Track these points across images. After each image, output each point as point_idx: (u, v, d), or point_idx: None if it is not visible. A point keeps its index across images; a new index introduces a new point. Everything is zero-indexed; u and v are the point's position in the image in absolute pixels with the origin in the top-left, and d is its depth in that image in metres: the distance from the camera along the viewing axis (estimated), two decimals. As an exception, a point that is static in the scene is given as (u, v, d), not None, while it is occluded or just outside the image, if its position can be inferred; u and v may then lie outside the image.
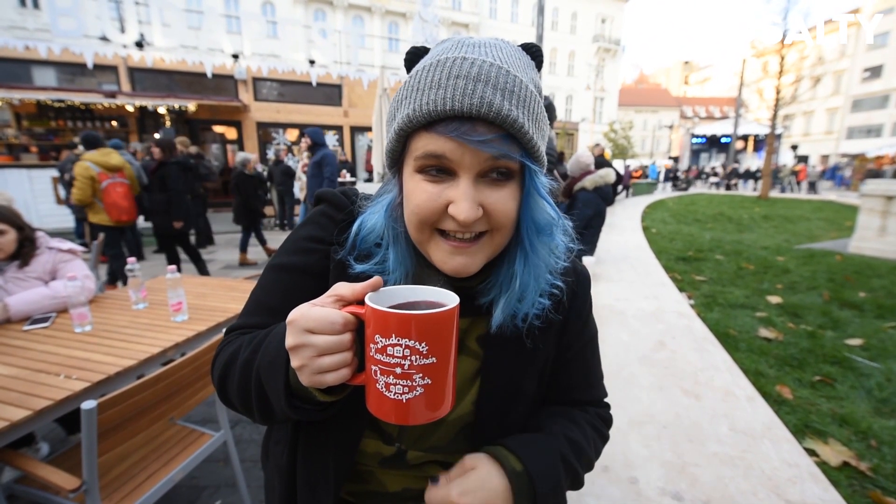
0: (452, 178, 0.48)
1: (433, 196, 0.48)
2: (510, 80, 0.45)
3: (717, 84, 66.22)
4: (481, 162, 0.46)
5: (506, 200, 0.49)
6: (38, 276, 1.89)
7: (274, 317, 0.59)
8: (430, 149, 0.46)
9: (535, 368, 0.61)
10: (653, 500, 1.59)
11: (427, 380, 0.41)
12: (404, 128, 0.48)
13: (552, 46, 33.52)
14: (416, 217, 0.50)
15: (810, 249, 6.37)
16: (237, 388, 0.55)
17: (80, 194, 4.03)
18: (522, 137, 0.46)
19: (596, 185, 4.24)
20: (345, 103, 13.24)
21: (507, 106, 0.44)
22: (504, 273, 0.55)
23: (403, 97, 0.48)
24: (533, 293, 0.55)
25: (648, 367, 2.61)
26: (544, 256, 0.55)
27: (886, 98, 32.64)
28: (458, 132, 0.44)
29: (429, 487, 0.53)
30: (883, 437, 2.02)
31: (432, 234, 0.51)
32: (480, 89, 0.44)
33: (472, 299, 0.57)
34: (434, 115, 0.45)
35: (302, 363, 0.42)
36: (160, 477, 1.35)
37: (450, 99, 0.44)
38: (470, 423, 0.60)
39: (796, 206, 13.62)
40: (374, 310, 0.41)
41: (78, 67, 10.04)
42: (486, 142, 0.45)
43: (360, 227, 0.57)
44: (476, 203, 0.47)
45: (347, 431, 0.59)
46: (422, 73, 0.47)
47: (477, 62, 0.45)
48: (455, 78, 0.44)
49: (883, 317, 3.57)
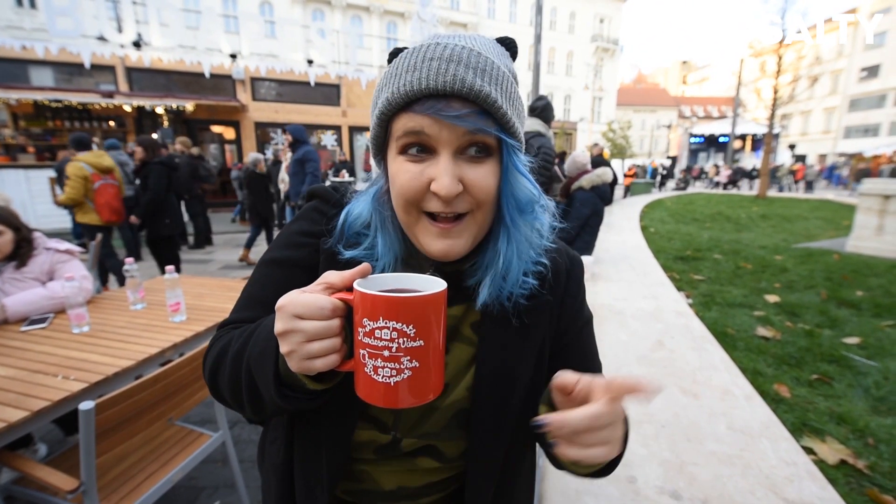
0: (433, 155, 0.49)
1: (415, 175, 0.50)
2: (482, 60, 0.48)
3: (715, 84, 66.36)
4: (458, 137, 0.48)
5: (486, 176, 0.50)
6: (36, 277, 1.88)
7: (266, 311, 0.59)
8: (409, 126, 0.48)
9: (531, 353, 0.61)
10: (651, 498, 1.59)
11: (415, 363, 0.42)
12: (385, 111, 0.50)
13: (550, 46, 33.56)
14: (402, 198, 0.51)
15: (808, 248, 6.39)
16: (228, 381, 0.56)
17: (74, 193, 4.03)
18: (496, 112, 0.48)
19: (593, 184, 4.25)
20: (343, 103, 13.23)
21: (479, 82, 0.46)
22: (489, 254, 0.56)
23: (383, 84, 0.51)
24: (516, 271, 0.56)
25: (647, 367, 2.62)
26: (527, 233, 0.56)
27: (884, 97, 32.75)
28: (433, 109, 0.46)
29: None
30: (880, 435, 2.02)
31: (419, 217, 0.52)
32: (453, 68, 0.46)
33: (460, 281, 0.58)
34: (411, 96, 0.47)
35: (291, 349, 0.42)
36: (159, 477, 1.35)
37: (424, 78, 0.46)
38: (464, 409, 0.61)
39: (794, 205, 13.65)
40: (363, 293, 0.41)
41: (75, 67, 10.02)
42: (462, 116, 0.46)
43: (347, 215, 0.59)
44: (456, 177, 0.48)
45: (341, 425, 0.59)
46: (399, 61, 0.50)
47: (450, 45, 0.48)
48: (429, 60, 0.47)
49: (880, 315, 3.59)
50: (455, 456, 0.63)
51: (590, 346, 0.69)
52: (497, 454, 0.61)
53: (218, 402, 0.63)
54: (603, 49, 36.52)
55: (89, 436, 1.07)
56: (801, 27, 16.25)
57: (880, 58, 32.67)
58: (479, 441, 0.60)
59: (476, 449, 0.60)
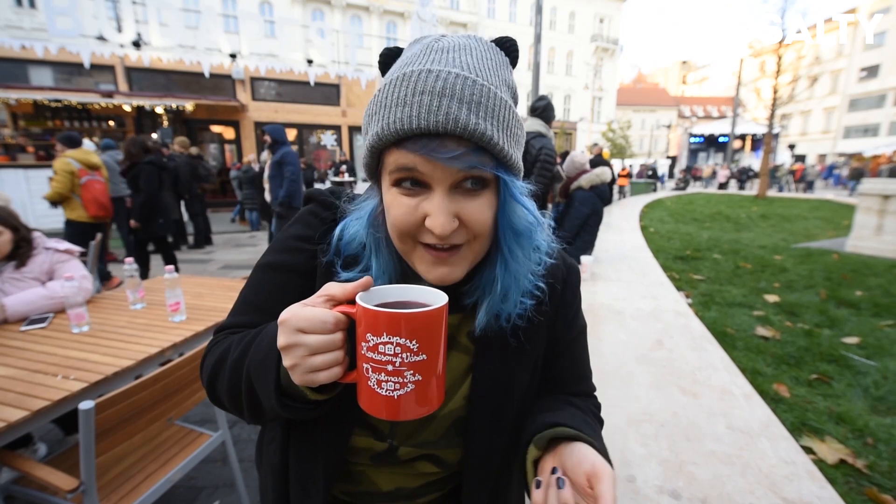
0: (427, 189, 0.48)
1: (410, 210, 0.48)
2: (476, 90, 0.45)
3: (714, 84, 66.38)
4: (453, 174, 0.46)
5: (482, 209, 0.49)
6: (35, 277, 1.88)
7: (262, 316, 0.59)
8: (401, 162, 0.47)
9: (527, 365, 0.62)
10: (650, 498, 1.60)
11: (417, 376, 0.42)
12: (375, 145, 0.48)
13: (550, 46, 33.55)
14: (396, 230, 0.51)
15: (807, 248, 6.39)
16: (227, 388, 0.56)
17: (61, 187, 4.03)
18: (493, 149, 0.46)
19: (592, 183, 4.25)
20: (343, 103, 13.23)
21: (475, 120, 0.44)
22: (486, 276, 0.56)
23: (373, 112, 0.48)
24: (515, 294, 0.56)
25: (646, 366, 2.62)
26: (523, 260, 0.55)
27: (883, 97, 32.76)
28: (426, 149, 0.44)
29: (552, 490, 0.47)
30: (879, 435, 2.03)
31: (415, 245, 0.51)
32: (446, 104, 0.43)
33: (458, 299, 0.58)
34: (401, 134, 0.45)
35: (294, 362, 0.42)
36: (158, 477, 1.35)
37: (415, 117, 0.44)
38: (461, 417, 0.61)
39: (794, 205, 13.66)
40: (366, 309, 0.41)
41: (75, 67, 10.01)
42: (457, 157, 0.44)
43: (343, 233, 0.57)
44: (451, 215, 0.47)
45: (337, 429, 0.59)
46: (389, 88, 0.47)
47: (442, 74, 0.44)
48: (420, 94, 0.44)
49: (879, 315, 3.59)
50: (454, 462, 0.64)
51: (581, 354, 0.69)
52: (493, 461, 0.61)
53: (215, 405, 0.62)
54: (603, 49, 36.51)
55: (89, 435, 1.07)
56: (801, 27, 16.26)
57: (880, 58, 32.67)
58: (476, 449, 0.60)
59: (472, 456, 0.61)
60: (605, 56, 37.17)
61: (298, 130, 12.94)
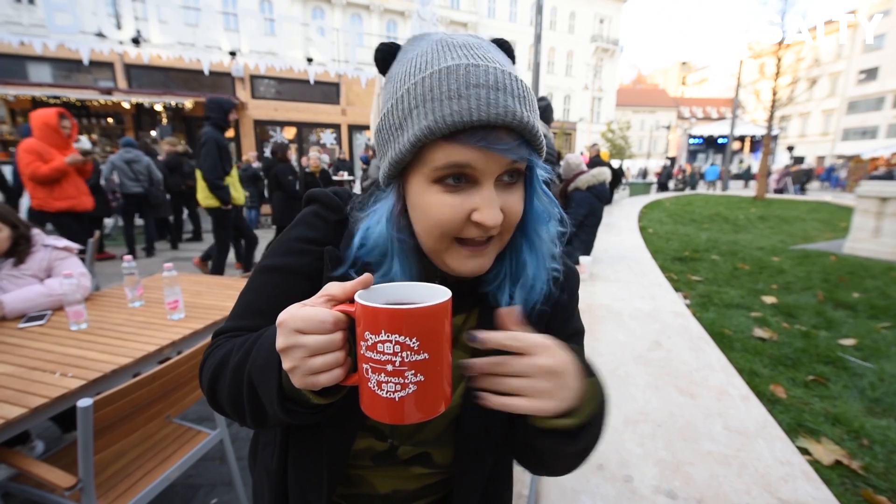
0: (472, 185, 0.48)
1: (456, 207, 0.48)
2: (519, 85, 0.47)
3: (714, 85, 66.45)
4: (502, 167, 0.48)
5: (517, 201, 0.51)
6: (34, 274, 1.88)
7: (264, 319, 0.58)
8: (454, 159, 0.46)
9: None
10: (647, 498, 1.60)
11: (420, 377, 0.41)
12: (423, 138, 0.46)
13: (550, 46, 33.57)
14: (439, 230, 0.50)
15: (805, 250, 6.41)
16: (228, 393, 0.54)
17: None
18: (535, 140, 0.48)
19: (589, 184, 4.26)
20: (343, 101, 13.19)
21: (526, 112, 0.46)
22: (507, 263, 0.57)
23: (412, 106, 0.46)
24: (541, 281, 0.58)
25: (644, 367, 2.62)
26: (547, 243, 0.58)
27: (882, 100, 32.85)
28: (486, 142, 0.45)
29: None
30: (875, 436, 2.04)
31: (451, 243, 0.51)
32: (503, 98, 0.45)
33: (472, 291, 0.58)
34: (459, 126, 0.44)
35: (293, 364, 0.41)
36: (156, 475, 1.35)
37: (475, 109, 0.44)
38: (458, 416, 0.60)
39: (792, 206, 13.68)
40: (364, 306, 0.40)
41: (74, 64, 9.96)
42: (511, 149, 0.46)
43: (365, 240, 0.55)
44: (499, 207, 0.49)
45: (341, 433, 0.58)
46: (432, 81, 0.46)
47: (490, 69, 0.46)
48: (475, 87, 0.44)
49: (876, 317, 3.60)
50: (446, 463, 0.63)
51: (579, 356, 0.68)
52: (484, 462, 0.61)
53: (216, 411, 0.61)
54: (603, 49, 36.53)
55: (87, 433, 1.07)
56: (801, 28, 16.29)
57: (879, 60, 32.76)
58: (467, 449, 0.60)
59: (463, 457, 0.60)
60: (604, 56, 37.20)
61: (298, 129, 12.90)
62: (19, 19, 17.02)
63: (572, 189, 4.33)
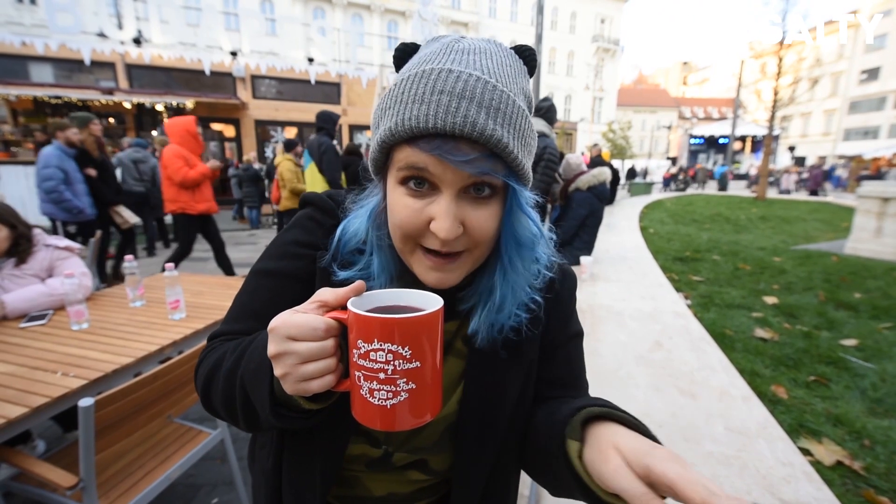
0: (435, 192, 0.47)
1: (415, 212, 0.47)
2: (496, 96, 0.44)
3: (715, 85, 66.36)
4: (463, 178, 0.45)
5: (487, 218, 0.48)
6: (35, 274, 1.88)
7: (259, 323, 0.57)
8: (411, 161, 0.46)
9: (518, 373, 0.60)
10: (648, 498, 1.60)
11: (411, 384, 0.41)
12: (386, 140, 0.47)
13: (551, 46, 33.54)
14: (400, 232, 0.50)
15: (807, 250, 6.40)
16: (221, 397, 0.55)
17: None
18: (507, 157, 0.45)
19: (589, 184, 4.25)
20: (343, 101, 13.21)
21: (492, 125, 0.43)
22: (484, 284, 0.55)
23: (386, 107, 0.47)
24: (510, 305, 0.55)
25: (645, 367, 2.62)
26: (523, 271, 0.54)
27: (883, 100, 32.79)
28: (440, 150, 0.43)
29: None
30: (876, 437, 2.03)
31: (415, 248, 0.51)
32: (465, 107, 0.42)
33: (453, 304, 0.57)
34: (416, 132, 0.44)
35: (285, 371, 0.41)
36: (157, 475, 1.35)
37: (432, 116, 0.43)
38: (455, 422, 0.60)
39: (793, 207, 13.66)
40: (356, 314, 0.40)
41: (75, 64, 10.00)
42: (469, 161, 0.43)
43: (343, 233, 0.56)
44: (457, 220, 0.46)
45: (334, 437, 0.58)
46: (406, 84, 0.45)
47: (462, 76, 0.43)
48: (439, 93, 0.43)
49: (878, 317, 3.60)
50: (443, 469, 0.63)
51: (576, 360, 0.66)
52: (482, 468, 0.60)
53: (210, 413, 0.61)
54: (604, 49, 36.51)
55: (88, 432, 1.08)
56: (802, 28, 16.27)
57: (880, 60, 32.71)
58: (465, 455, 0.60)
59: (461, 463, 0.60)
60: (605, 56, 37.18)
61: (299, 129, 12.92)
62: (21, 20, 17.05)
63: (573, 189, 4.33)
